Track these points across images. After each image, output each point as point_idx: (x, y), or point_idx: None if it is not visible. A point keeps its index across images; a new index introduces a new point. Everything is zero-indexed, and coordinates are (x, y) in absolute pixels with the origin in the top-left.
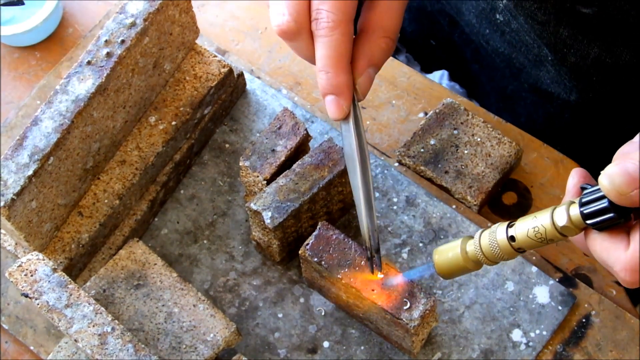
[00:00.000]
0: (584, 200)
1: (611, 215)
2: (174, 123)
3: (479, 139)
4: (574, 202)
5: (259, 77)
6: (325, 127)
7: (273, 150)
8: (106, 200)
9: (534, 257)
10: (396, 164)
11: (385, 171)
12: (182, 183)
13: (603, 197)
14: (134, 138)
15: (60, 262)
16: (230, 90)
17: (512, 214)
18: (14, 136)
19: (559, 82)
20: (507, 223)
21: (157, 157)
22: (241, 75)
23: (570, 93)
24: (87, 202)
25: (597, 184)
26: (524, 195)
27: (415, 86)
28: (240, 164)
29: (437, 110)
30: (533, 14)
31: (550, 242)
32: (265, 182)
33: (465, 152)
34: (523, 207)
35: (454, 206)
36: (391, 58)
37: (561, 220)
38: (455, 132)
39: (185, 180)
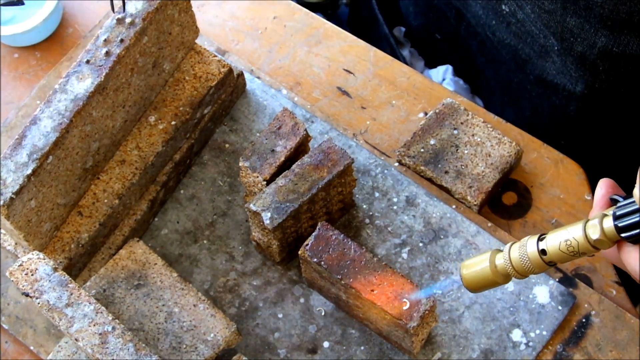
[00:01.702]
0: (618, 213)
1: None
2: (173, 123)
3: (479, 139)
4: (607, 215)
5: (258, 77)
6: (325, 127)
7: (273, 151)
8: (106, 200)
9: None
10: (396, 164)
11: (385, 171)
12: (182, 183)
13: (638, 210)
14: (133, 138)
15: (60, 262)
16: (230, 90)
17: (512, 214)
18: (14, 136)
19: (564, 72)
20: (537, 236)
21: (157, 157)
22: (241, 75)
23: (576, 84)
24: (86, 202)
25: (626, 195)
26: (524, 195)
27: (415, 86)
28: (240, 165)
29: (437, 110)
30: (540, 3)
31: (583, 255)
32: (265, 182)
33: (465, 152)
34: (523, 207)
35: (454, 206)
36: (391, 58)
37: (594, 233)
38: (455, 132)
39: (185, 180)
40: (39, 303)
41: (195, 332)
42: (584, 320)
